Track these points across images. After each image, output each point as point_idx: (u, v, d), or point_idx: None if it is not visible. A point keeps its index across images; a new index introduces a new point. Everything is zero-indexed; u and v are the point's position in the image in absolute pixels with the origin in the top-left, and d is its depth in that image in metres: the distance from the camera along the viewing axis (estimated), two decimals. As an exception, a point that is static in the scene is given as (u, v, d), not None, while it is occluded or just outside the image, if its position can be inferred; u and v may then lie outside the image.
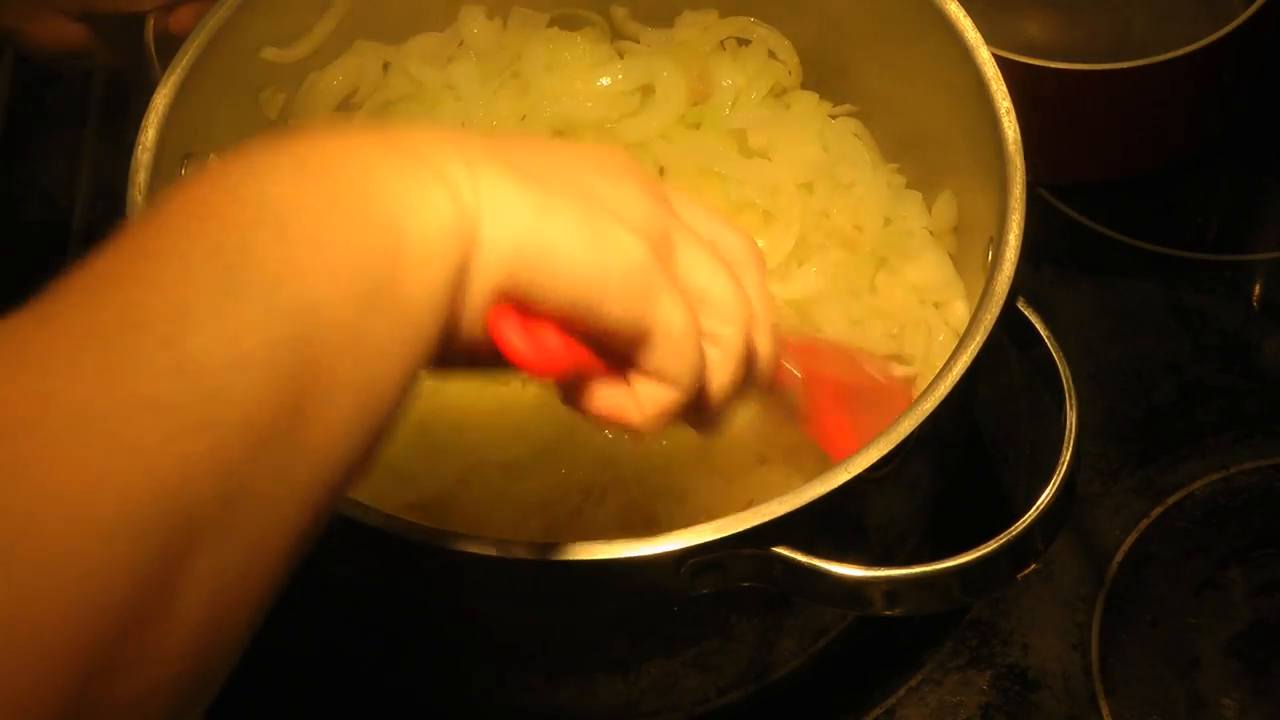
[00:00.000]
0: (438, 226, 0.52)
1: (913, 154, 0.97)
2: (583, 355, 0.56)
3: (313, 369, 0.47)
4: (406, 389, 0.52)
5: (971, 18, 0.86)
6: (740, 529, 0.71)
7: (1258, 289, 1.09)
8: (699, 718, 0.88)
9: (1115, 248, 1.11)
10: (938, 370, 0.76)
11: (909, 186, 0.97)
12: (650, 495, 0.83)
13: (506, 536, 0.73)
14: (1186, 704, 0.91)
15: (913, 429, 0.73)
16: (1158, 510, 0.98)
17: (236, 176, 0.50)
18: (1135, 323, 1.07)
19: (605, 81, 0.97)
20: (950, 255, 0.94)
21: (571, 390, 0.58)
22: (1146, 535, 0.97)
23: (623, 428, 0.59)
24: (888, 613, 0.76)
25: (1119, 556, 0.96)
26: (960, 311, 0.92)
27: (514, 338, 0.54)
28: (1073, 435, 0.77)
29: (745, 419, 0.85)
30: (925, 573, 0.73)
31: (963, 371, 0.75)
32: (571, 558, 0.72)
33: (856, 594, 0.74)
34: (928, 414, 0.74)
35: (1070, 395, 0.79)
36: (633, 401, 0.59)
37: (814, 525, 0.72)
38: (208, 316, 0.45)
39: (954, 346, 0.77)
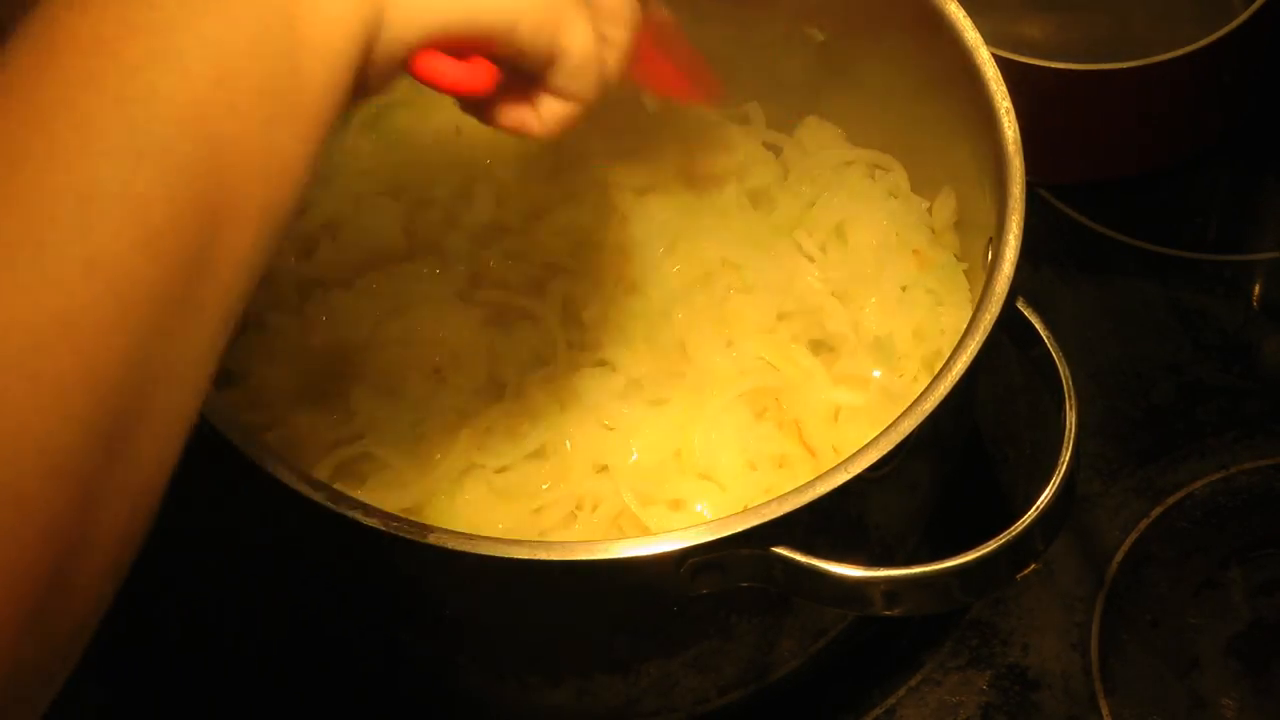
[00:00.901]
0: (338, 14, 0.53)
1: (913, 154, 0.97)
2: (493, 74, 0.62)
3: (218, 214, 0.48)
4: (306, 182, 0.53)
5: (971, 18, 0.86)
6: (740, 529, 0.71)
7: (1258, 289, 1.09)
8: (699, 718, 0.88)
9: (1115, 248, 1.10)
10: (937, 370, 0.76)
11: (910, 188, 0.97)
12: (642, 503, 0.83)
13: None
14: (1186, 704, 0.91)
15: (913, 429, 0.73)
16: (1158, 510, 0.98)
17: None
18: (1135, 323, 1.07)
19: None
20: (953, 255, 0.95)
21: (481, 107, 0.64)
22: (1146, 535, 0.97)
23: (522, 134, 0.65)
24: (887, 613, 0.76)
25: (1119, 556, 0.96)
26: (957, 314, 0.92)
27: (445, 69, 0.59)
28: (1073, 435, 0.77)
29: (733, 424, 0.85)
30: (925, 573, 0.73)
31: (962, 371, 0.75)
32: (571, 558, 0.72)
33: (856, 594, 0.74)
34: (928, 414, 0.74)
35: (1070, 395, 0.79)
36: (534, 116, 0.64)
37: (813, 525, 0.72)
38: (113, 194, 0.46)
39: (954, 346, 0.77)
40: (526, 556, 0.71)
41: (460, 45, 0.59)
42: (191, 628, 0.96)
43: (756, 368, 0.88)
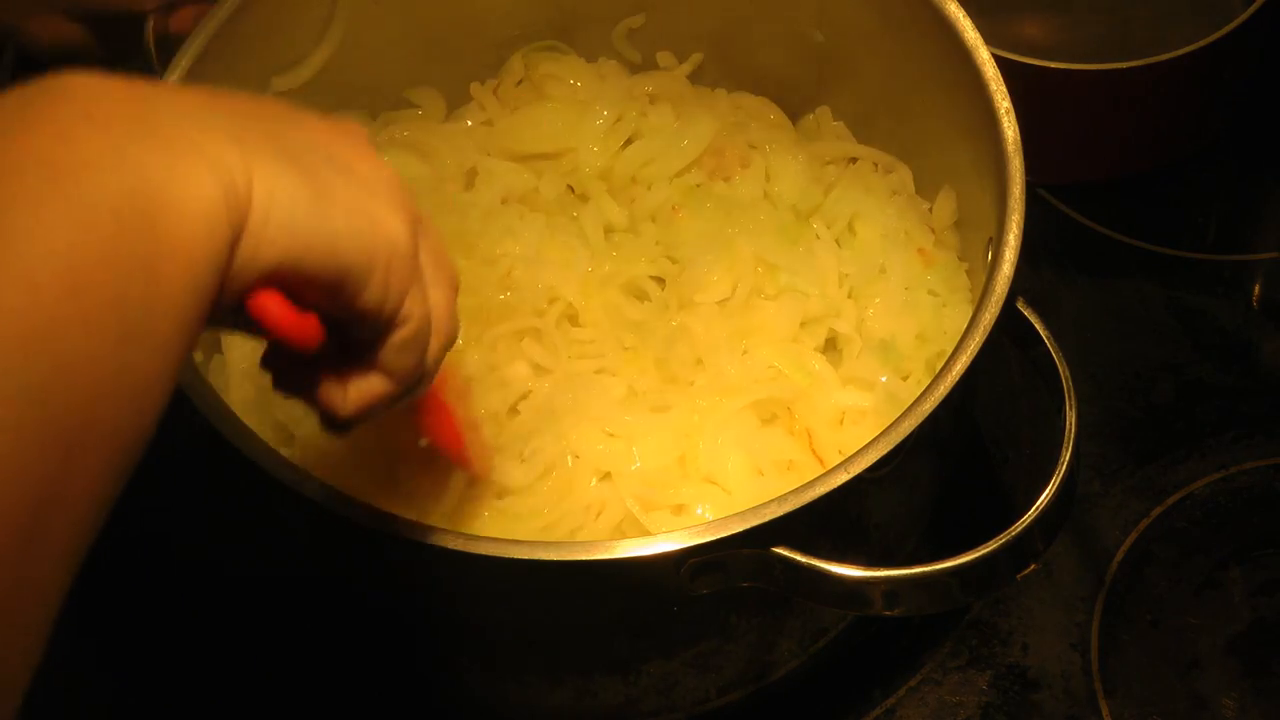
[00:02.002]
0: (202, 216, 0.49)
1: (913, 154, 0.97)
2: (320, 333, 0.57)
3: (65, 449, 0.45)
4: (166, 397, 0.50)
5: (971, 18, 0.86)
6: (740, 529, 0.71)
7: (1258, 289, 1.09)
8: (699, 718, 0.88)
9: (1115, 248, 1.11)
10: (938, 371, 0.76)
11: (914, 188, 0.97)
12: (645, 509, 0.83)
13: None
14: (1186, 704, 0.91)
15: (913, 429, 0.73)
16: (1158, 510, 0.98)
17: None
18: (1135, 323, 1.07)
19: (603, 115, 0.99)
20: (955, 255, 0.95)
21: (287, 374, 0.60)
22: (1146, 535, 0.97)
23: (326, 414, 0.60)
24: (888, 613, 0.76)
25: (1119, 556, 0.96)
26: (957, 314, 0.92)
27: (276, 312, 0.55)
28: (1072, 435, 0.77)
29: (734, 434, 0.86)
30: (925, 573, 0.73)
31: (962, 371, 0.75)
32: (571, 558, 0.72)
33: (856, 594, 0.74)
34: (927, 414, 0.74)
35: (1070, 395, 0.79)
36: (341, 393, 0.60)
37: (814, 525, 0.72)
38: None
39: (953, 346, 0.77)
40: (526, 556, 0.71)
41: (309, 282, 0.55)
42: (191, 628, 0.96)
43: (769, 376, 0.88)
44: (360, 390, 0.60)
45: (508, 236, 0.94)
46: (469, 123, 1.00)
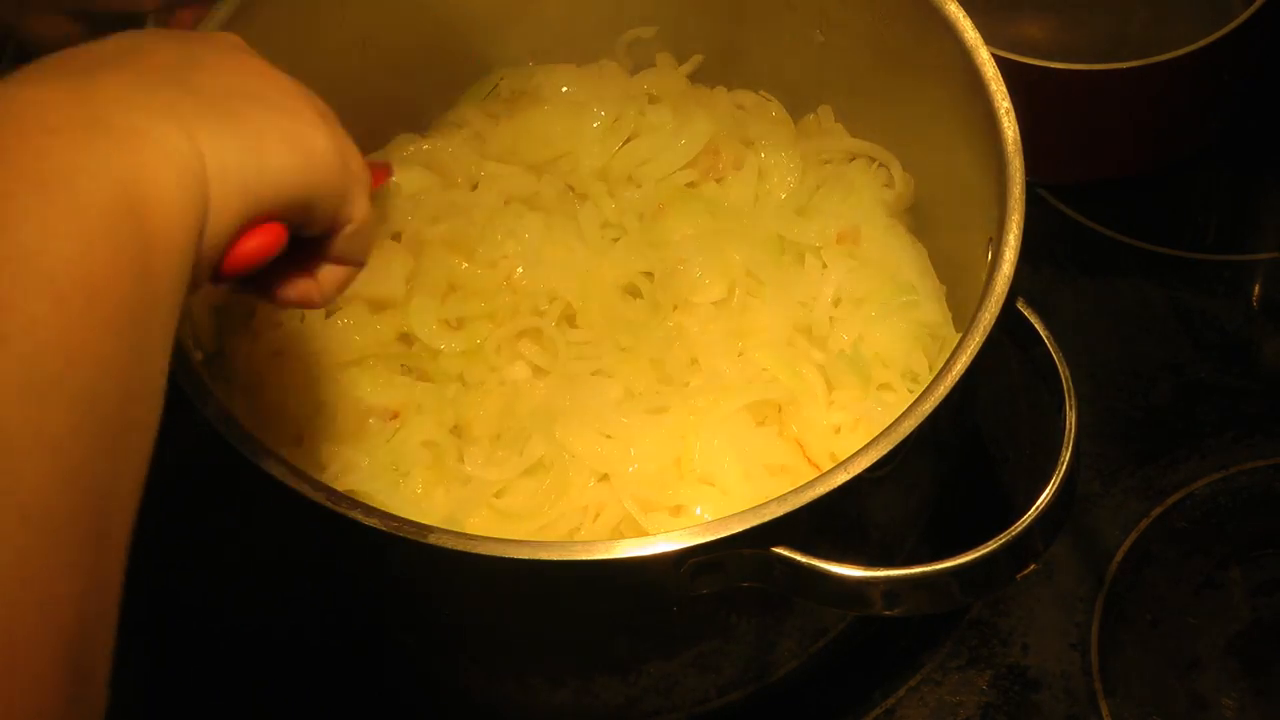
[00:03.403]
0: (177, 207, 0.53)
1: (913, 154, 0.97)
2: (282, 232, 0.62)
3: (121, 430, 0.48)
4: (164, 380, 0.52)
5: (971, 18, 0.86)
6: (740, 529, 0.71)
7: (1258, 289, 1.09)
8: (699, 718, 0.88)
9: (1115, 248, 1.11)
10: (938, 370, 0.76)
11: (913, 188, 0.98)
12: (643, 510, 0.83)
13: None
14: (1186, 704, 0.91)
15: (913, 429, 0.73)
16: (1158, 510, 0.98)
17: None
18: (1135, 323, 1.07)
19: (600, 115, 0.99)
20: (949, 256, 0.95)
21: (260, 285, 0.65)
22: (1146, 535, 0.97)
23: (303, 307, 0.67)
24: (888, 613, 0.76)
25: (1119, 556, 0.96)
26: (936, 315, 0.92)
27: (250, 257, 0.59)
28: (1073, 435, 0.77)
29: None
30: (925, 573, 0.73)
31: (962, 371, 0.75)
32: (571, 558, 0.72)
33: (856, 594, 0.74)
34: (927, 414, 0.74)
35: (1070, 395, 0.79)
36: (315, 286, 0.66)
37: (814, 525, 0.72)
38: (33, 442, 0.45)
39: (953, 347, 0.77)
40: (526, 556, 0.71)
41: (263, 219, 0.59)
42: (191, 628, 0.96)
43: (765, 378, 0.88)
44: (330, 278, 0.66)
45: (509, 239, 0.94)
46: (466, 130, 1.00)
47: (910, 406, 0.74)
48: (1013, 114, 0.83)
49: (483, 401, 0.88)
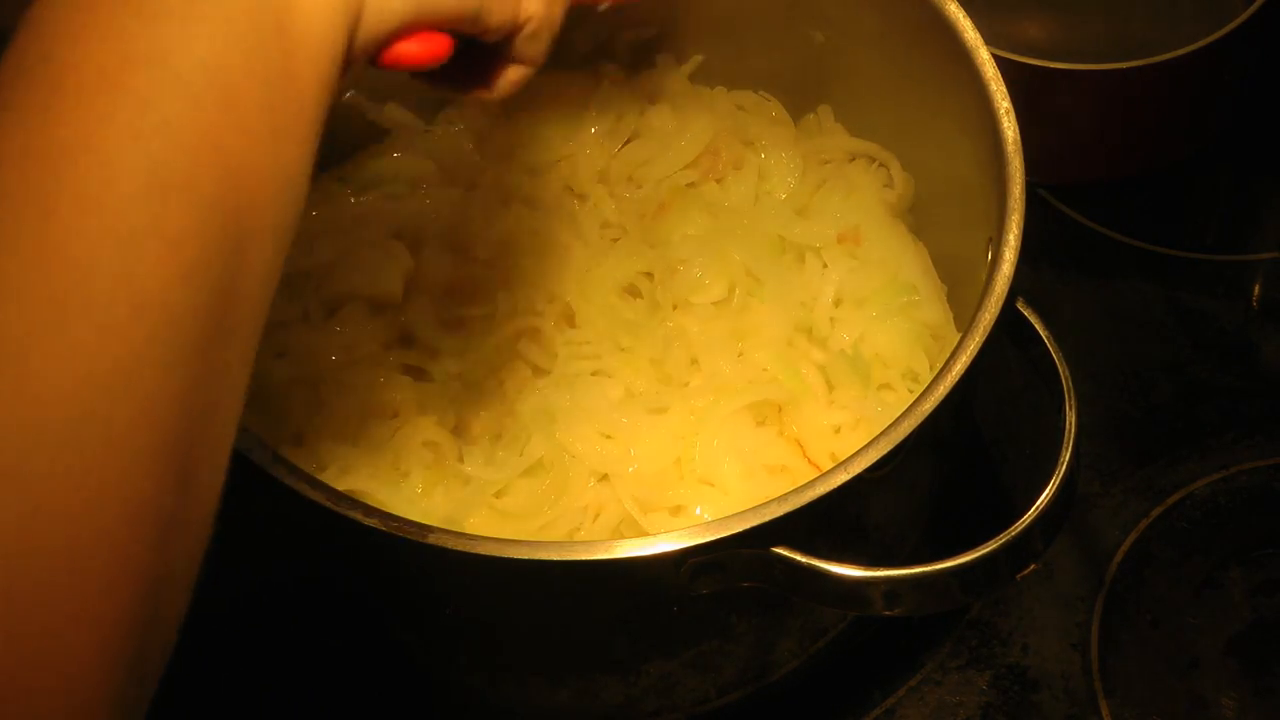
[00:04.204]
0: (324, 12, 0.53)
1: (913, 154, 0.97)
2: (448, 42, 0.62)
3: (246, 228, 0.49)
4: (309, 177, 0.54)
5: (971, 18, 0.86)
6: (740, 529, 0.71)
7: (1258, 289, 1.09)
8: (699, 718, 0.88)
9: (1115, 248, 1.11)
10: (938, 370, 0.76)
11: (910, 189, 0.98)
12: (643, 510, 0.83)
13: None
14: (1186, 704, 0.91)
15: (913, 429, 0.73)
16: (1158, 510, 0.98)
17: (126, 27, 0.49)
18: (1135, 323, 1.07)
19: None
20: (949, 256, 0.95)
21: (434, 77, 0.65)
22: (1146, 535, 0.97)
23: (480, 99, 0.68)
24: (888, 613, 0.76)
25: (1119, 556, 0.96)
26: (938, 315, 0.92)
27: (406, 51, 0.59)
28: (1072, 435, 0.77)
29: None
30: (925, 573, 0.73)
31: (962, 371, 0.75)
32: (571, 558, 0.72)
33: (856, 594, 0.74)
34: (927, 414, 0.74)
35: (1070, 395, 0.79)
36: (487, 86, 0.67)
37: (814, 525, 0.72)
38: (146, 230, 0.46)
39: (953, 347, 0.77)
40: (526, 556, 0.71)
41: (427, 29, 0.60)
42: (190, 628, 0.96)
43: (765, 378, 0.88)
44: (506, 77, 0.66)
45: (509, 239, 0.94)
46: (466, 129, 1.00)
47: (910, 406, 0.74)
48: (1013, 114, 0.83)
49: (483, 401, 0.88)
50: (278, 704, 0.94)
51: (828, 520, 0.74)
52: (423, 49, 0.60)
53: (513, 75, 0.67)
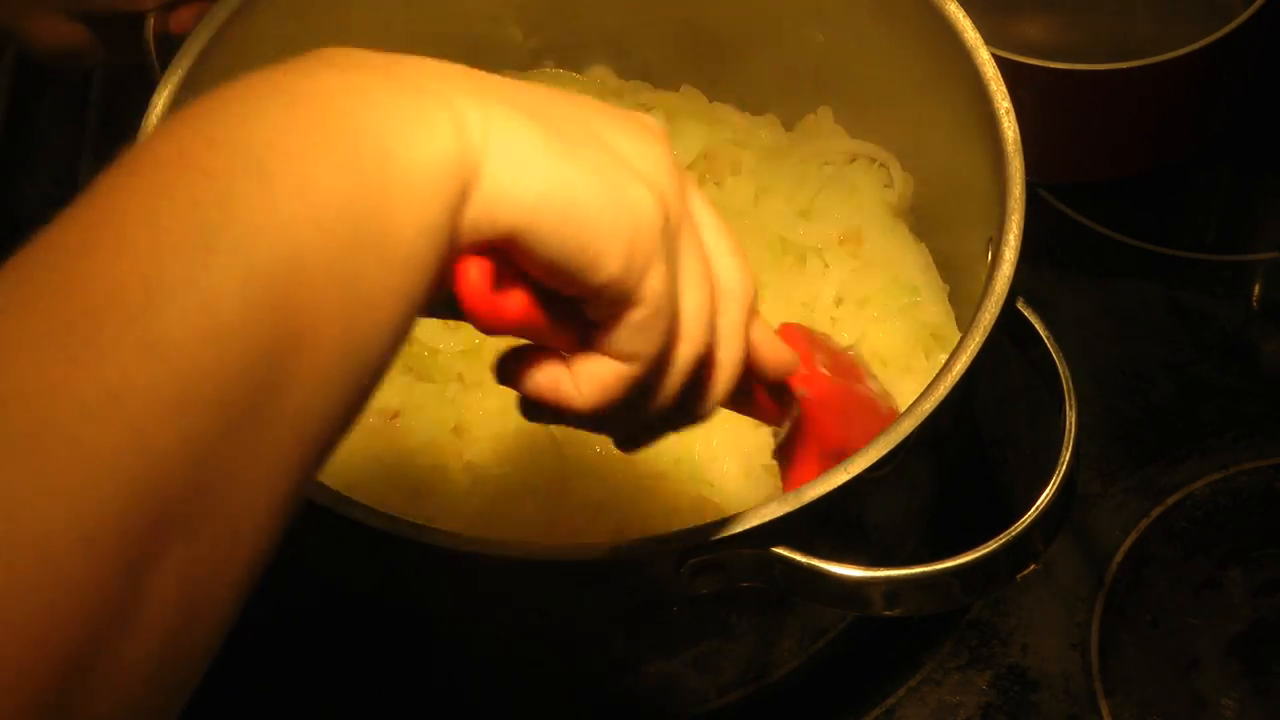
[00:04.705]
0: (435, 158, 0.48)
1: (913, 154, 0.97)
2: (539, 319, 0.53)
3: (295, 326, 0.44)
4: (398, 336, 0.49)
5: (971, 18, 0.86)
6: (740, 529, 0.71)
7: (1258, 289, 1.09)
8: (699, 718, 0.88)
9: (1115, 248, 1.10)
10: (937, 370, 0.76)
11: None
12: (643, 514, 0.83)
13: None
14: (1186, 704, 0.91)
15: (912, 429, 0.73)
16: (1158, 510, 0.98)
17: (219, 118, 0.46)
18: (1135, 323, 1.07)
19: None
20: (949, 256, 0.95)
21: (509, 366, 0.57)
22: (1146, 535, 0.97)
23: (558, 407, 0.56)
24: (887, 613, 0.76)
25: (1119, 556, 0.96)
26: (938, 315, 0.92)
27: (478, 285, 0.51)
28: (1072, 435, 0.77)
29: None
30: (925, 573, 0.73)
31: (962, 371, 0.75)
32: (571, 558, 0.72)
33: (856, 594, 0.74)
34: (927, 414, 0.74)
35: (1070, 395, 0.79)
36: (570, 381, 0.56)
37: (814, 525, 0.72)
38: (180, 284, 0.42)
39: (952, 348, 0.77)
40: (526, 556, 0.71)
41: (540, 250, 0.50)
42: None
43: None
44: (594, 375, 0.55)
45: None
46: None
47: (910, 406, 0.74)
48: (1013, 114, 0.83)
49: (483, 401, 0.88)
50: (277, 703, 0.94)
51: (828, 520, 0.74)
52: (482, 294, 0.51)
53: (603, 373, 0.55)
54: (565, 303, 0.54)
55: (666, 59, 1.03)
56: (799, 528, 0.72)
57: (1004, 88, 0.84)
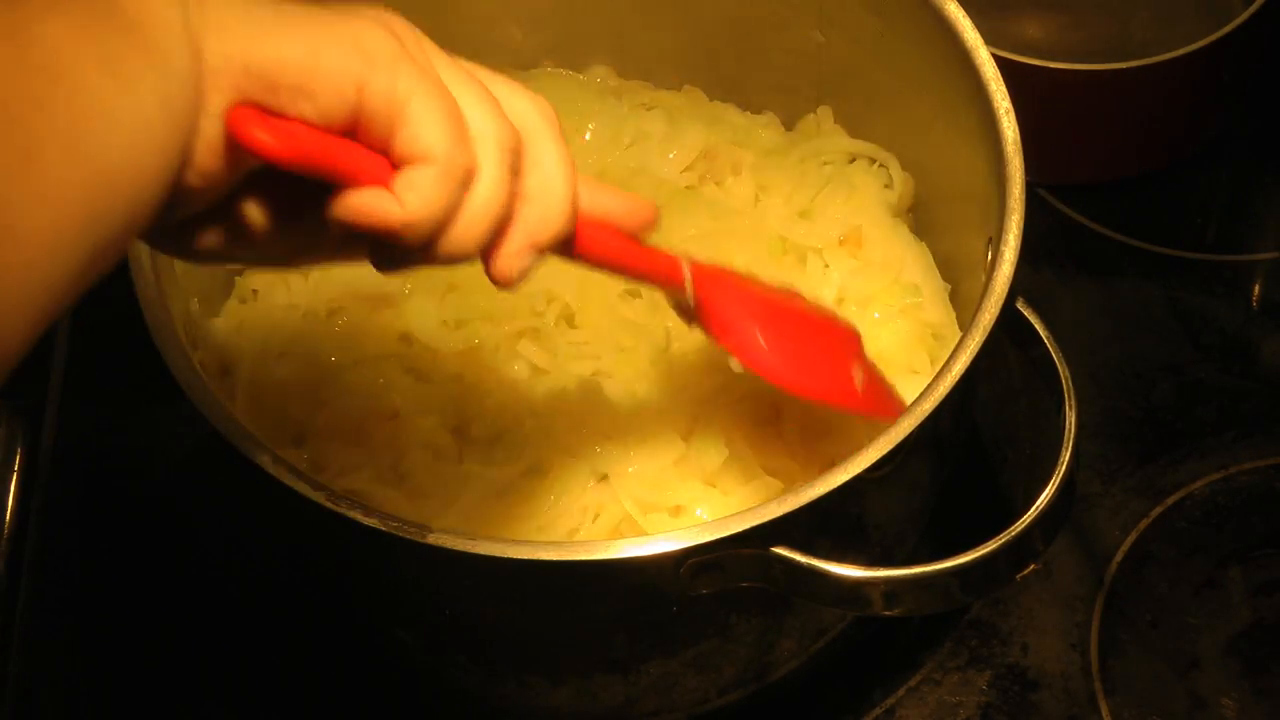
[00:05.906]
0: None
1: (913, 155, 0.97)
2: (335, 145, 0.54)
3: None
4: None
5: (971, 18, 0.86)
6: (739, 529, 0.71)
7: (1258, 289, 1.09)
8: (699, 718, 0.88)
9: (1115, 248, 1.11)
10: (937, 370, 0.76)
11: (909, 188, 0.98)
12: (643, 510, 0.83)
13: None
14: (1186, 704, 0.91)
15: (912, 429, 0.73)
16: (1157, 510, 0.98)
17: None
18: (1135, 323, 1.07)
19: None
20: (949, 256, 0.95)
21: (333, 204, 0.56)
22: (1146, 535, 0.97)
23: (386, 229, 0.56)
24: (887, 613, 0.76)
25: (1119, 556, 0.96)
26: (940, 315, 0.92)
27: (257, 131, 0.52)
28: (1072, 435, 0.77)
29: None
30: (924, 573, 0.73)
31: (962, 371, 0.75)
32: (571, 558, 0.72)
33: (856, 594, 0.74)
34: (927, 414, 0.74)
35: (1070, 395, 0.79)
36: (390, 198, 0.56)
37: (813, 525, 0.72)
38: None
39: (952, 347, 0.77)
40: (526, 556, 0.71)
41: (280, 88, 0.53)
42: (191, 628, 0.96)
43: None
44: (407, 183, 0.56)
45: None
46: None
47: (910, 406, 0.74)
48: (1013, 114, 0.83)
49: (483, 401, 0.88)
50: (277, 703, 0.94)
51: (827, 520, 0.74)
52: (281, 141, 0.53)
53: (410, 179, 0.56)
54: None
55: (666, 59, 1.03)
56: (798, 528, 0.72)
57: (1004, 88, 0.84)
